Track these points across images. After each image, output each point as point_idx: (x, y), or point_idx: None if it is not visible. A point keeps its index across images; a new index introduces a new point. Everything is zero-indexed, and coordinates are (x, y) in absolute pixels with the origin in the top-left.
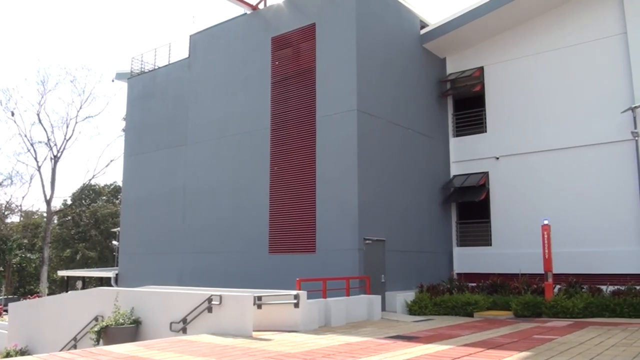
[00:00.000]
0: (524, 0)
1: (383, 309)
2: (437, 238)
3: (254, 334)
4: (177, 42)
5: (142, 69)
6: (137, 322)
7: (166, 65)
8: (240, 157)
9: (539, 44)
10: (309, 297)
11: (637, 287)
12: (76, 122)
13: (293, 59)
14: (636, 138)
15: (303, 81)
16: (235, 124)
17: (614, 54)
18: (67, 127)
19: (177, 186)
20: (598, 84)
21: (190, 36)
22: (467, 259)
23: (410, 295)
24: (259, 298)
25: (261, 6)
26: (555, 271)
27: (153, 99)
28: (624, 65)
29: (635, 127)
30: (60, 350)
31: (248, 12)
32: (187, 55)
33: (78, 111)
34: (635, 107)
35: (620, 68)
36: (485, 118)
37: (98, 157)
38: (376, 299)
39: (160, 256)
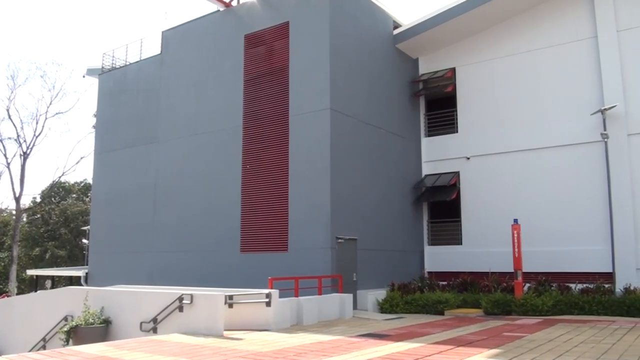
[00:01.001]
0: (496, 3)
1: (355, 307)
2: (408, 237)
3: (225, 333)
4: (149, 38)
5: (114, 65)
6: (107, 322)
7: (138, 62)
8: (212, 155)
9: (511, 46)
10: (280, 296)
11: (606, 285)
12: (46, 118)
13: (266, 57)
14: (605, 140)
15: (276, 79)
16: (208, 121)
17: (585, 57)
18: (37, 123)
19: (148, 184)
20: (568, 86)
21: (163, 32)
22: (438, 258)
23: (381, 294)
24: (231, 297)
25: (234, 3)
26: (524, 270)
27: (124, 96)
28: (594, 68)
29: (605, 129)
30: (30, 350)
31: (221, 9)
32: (159, 52)
33: (48, 107)
34: (605, 109)
35: (590, 71)
36: (457, 118)
37: (68, 154)
38: (348, 297)
39: (131, 255)
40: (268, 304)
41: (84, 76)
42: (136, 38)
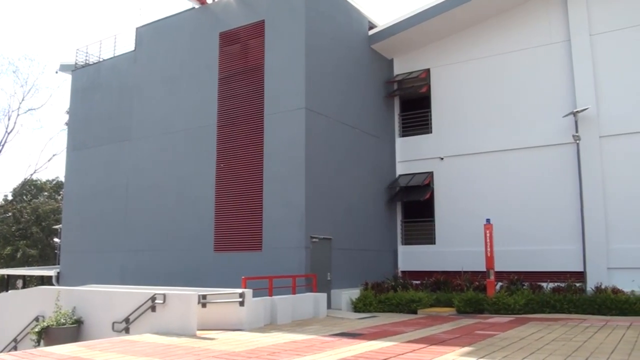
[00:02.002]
0: (471, 6)
1: (329, 306)
2: (382, 236)
3: (199, 333)
4: (123, 35)
5: (87, 61)
6: (79, 322)
7: (111, 58)
8: (185, 153)
9: (485, 48)
10: (254, 296)
11: (577, 284)
12: (18, 115)
13: (241, 55)
14: (577, 141)
15: (251, 78)
16: (181, 119)
17: (558, 60)
18: (9, 119)
19: (120, 182)
20: (542, 88)
21: (137, 29)
22: (412, 257)
23: (355, 293)
24: (204, 297)
25: (209, 1)
26: (497, 269)
27: (97, 92)
28: (567, 71)
29: (577, 131)
30: (0, 352)
31: (196, 6)
32: (133, 48)
33: (20, 103)
34: (577, 111)
35: (563, 74)
36: (431, 119)
37: (40, 152)
38: (322, 296)
39: (103, 254)
40: (241, 303)
41: (56, 72)
42: (110, 34)
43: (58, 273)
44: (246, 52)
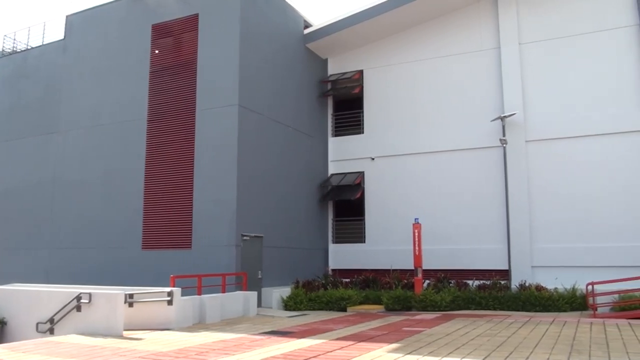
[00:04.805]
0: (405, 10)
1: (259, 305)
2: (313, 235)
3: (125, 333)
4: (53, 22)
5: (15, 49)
6: (1, 323)
7: (40, 46)
8: (114, 147)
9: (418, 52)
10: (183, 294)
11: (502, 282)
12: None
13: (174, 49)
14: (504, 145)
15: (184, 72)
16: (111, 112)
17: (488, 66)
18: None
19: (46, 177)
20: (471, 93)
21: (67, 16)
22: (342, 255)
23: (286, 291)
24: (131, 296)
25: None
26: (425, 267)
27: (24, 82)
28: (496, 77)
29: (504, 135)
30: None
31: None
32: (62, 37)
33: None
34: (504, 116)
35: (492, 80)
36: (363, 120)
37: None
38: (252, 295)
39: (27, 251)
40: (170, 302)
41: None
42: (39, 21)
43: None
44: (179, 46)
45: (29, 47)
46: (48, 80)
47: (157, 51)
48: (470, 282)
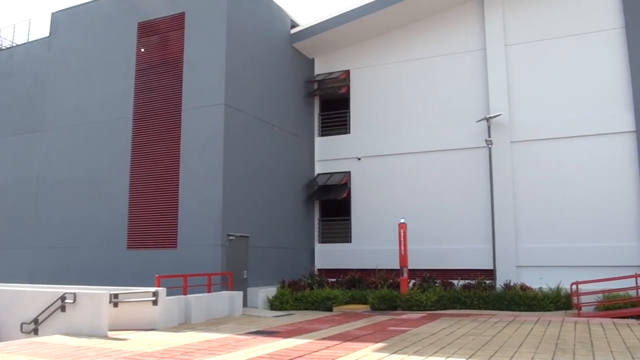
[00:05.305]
0: (391, 11)
1: (245, 305)
2: (299, 234)
3: (110, 333)
4: (39, 19)
5: (0, 46)
6: None
7: (25, 43)
8: (99, 146)
9: (405, 53)
10: (168, 294)
11: (487, 282)
12: None
13: (160, 47)
14: (489, 146)
15: (170, 71)
16: (96, 111)
17: (474, 67)
18: None
19: (30, 175)
20: (457, 94)
21: (53, 14)
22: (328, 255)
23: (272, 291)
24: (116, 296)
25: None
26: (411, 267)
27: (9, 79)
28: (482, 78)
29: (489, 136)
30: None
31: None
32: (47, 34)
33: None
34: (490, 117)
35: (478, 81)
36: (349, 120)
37: None
38: (238, 295)
39: (11, 251)
40: (155, 302)
41: None
42: (25, 18)
43: None
44: (165, 44)
45: (14, 45)
46: (33, 78)
47: (143, 49)
48: (455, 281)
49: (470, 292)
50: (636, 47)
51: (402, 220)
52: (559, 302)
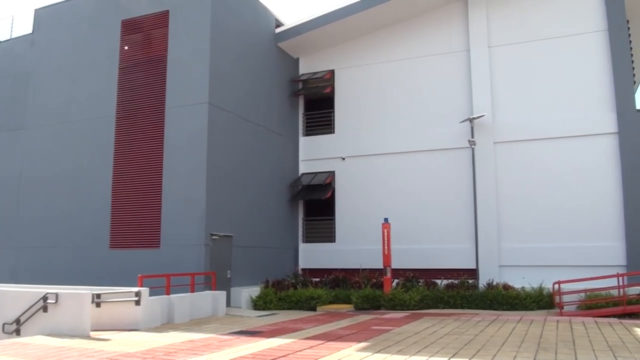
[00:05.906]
0: (376, 11)
1: (228, 304)
2: (283, 234)
3: (93, 333)
4: (22, 15)
5: None
6: None
7: (7, 40)
8: (82, 144)
9: (389, 53)
10: (151, 294)
11: (470, 281)
12: None
13: (144, 45)
14: (472, 146)
15: (153, 69)
16: (79, 109)
17: (458, 68)
18: None
19: (12, 174)
20: (441, 94)
21: (36, 10)
22: (312, 255)
23: (255, 291)
24: (98, 296)
25: None
26: (395, 267)
27: None
28: (465, 79)
29: (472, 136)
30: None
31: None
32: (30, 31)
33: None
34: (473, 118)
35: (461, 82)
36: (334, 119)
37: None
38: (221, 294)
39: None
40: (137, 302)
41: None
42: (7, 14)
43: None
44: (149, 42)
45: None
46: (15, 75)
47: (126, 47)
48: (438, 281)
49: (453, 291)
50: (619, 49)
51: (386, 220)
52: (541, 301)
